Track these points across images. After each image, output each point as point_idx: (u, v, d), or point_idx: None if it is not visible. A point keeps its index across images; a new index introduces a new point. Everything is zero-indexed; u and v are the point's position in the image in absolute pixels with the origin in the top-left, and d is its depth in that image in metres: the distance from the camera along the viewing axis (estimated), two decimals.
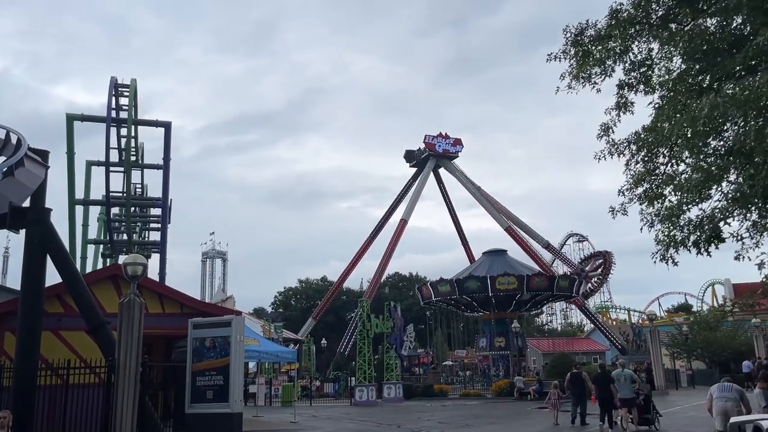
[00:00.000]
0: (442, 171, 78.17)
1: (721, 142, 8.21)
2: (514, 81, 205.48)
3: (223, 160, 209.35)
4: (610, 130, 10.90)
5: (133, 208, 68.06)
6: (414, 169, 78.01)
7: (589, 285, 67.12)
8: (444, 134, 76.35)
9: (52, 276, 15.12)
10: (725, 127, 7.98)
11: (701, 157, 8.53)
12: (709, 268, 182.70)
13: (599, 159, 10.34)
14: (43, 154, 16.38)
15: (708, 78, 8.27)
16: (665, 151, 9.67)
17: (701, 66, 8.75)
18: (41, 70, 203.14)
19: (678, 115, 8.07)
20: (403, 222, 72.37)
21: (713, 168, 7.32)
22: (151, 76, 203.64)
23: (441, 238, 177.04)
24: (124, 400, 12.65)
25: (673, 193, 8.77)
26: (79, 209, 45.95)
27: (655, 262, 9.18)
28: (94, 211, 53.47)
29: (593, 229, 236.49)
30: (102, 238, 63.59)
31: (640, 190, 9.87)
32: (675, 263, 9.04)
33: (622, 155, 10.06)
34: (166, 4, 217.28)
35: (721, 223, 8.30)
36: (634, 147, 9.79)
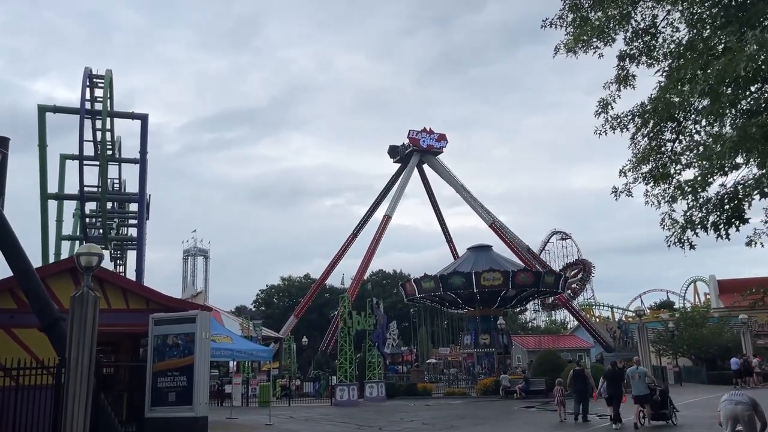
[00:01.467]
0: (426, 167, 77.25)
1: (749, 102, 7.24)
2: (498, 80, 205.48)
3: (206, 158, 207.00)
4: (609, 107, 9.93)
5: (110, 204, 66.52)
6: (398, 165, 76.99)
7: (569, 291, 67.11)
8: (428, 129, 75.40)
9: (4, 269, 13.96)
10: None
11: (728, 120, 7.56)
12: (690, 266, 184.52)
13: (600, 134, 9.37)
14: (2, 141, 15.15)
15: (724, 38, 7.28)
16: (673, 126, 8.70)
17: (718, 23, 7.78)
18: (20, 65, 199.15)
19: (701, 72, 7.07)
20: (387, 218, 71.39)
21: (752, 128, 6.34)
22: (133, 73, 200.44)
23: (426, 236, 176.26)
24: (75, 402, 11.46)
25: (697, 161, 7.76)
26: (53, 204, 44.39)
27: (669, 245, 8.20)
28: (70, 207, 51.91)
29: (576, 227, 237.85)
30: (77, 234, 62.02)
31: (645, 168, 8.88)
32: (692, 246, 8.07)
33: (625, 129, 9.09)
34: (147, 0, 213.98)
35: (746, 202, 7.32)
36: (639, 120, 8.81)
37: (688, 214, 7.90)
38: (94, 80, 55.30)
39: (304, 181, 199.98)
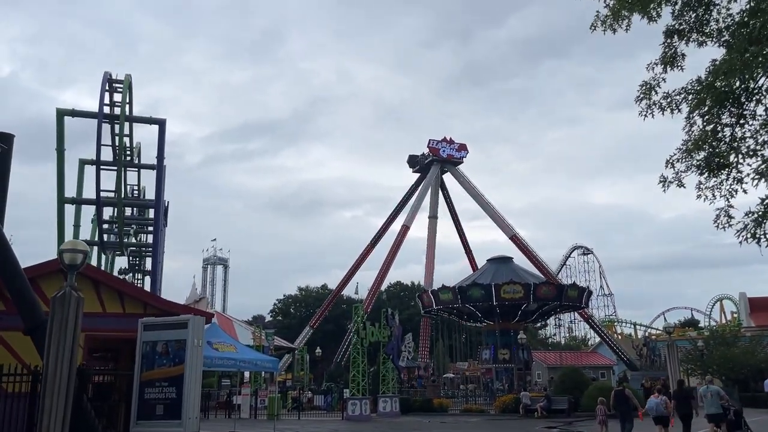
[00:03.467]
0: (446, 177, 75.99)
1: None
2: (518, 93, 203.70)
3: (227, 168, 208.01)
4: (653, 91, 8.67)
5: (129, 211, 66.00)
6: (417, 175, 75.85)
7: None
8: (449, 139, 74.24)
9: None
10: None
11: None
12: (713, 284, 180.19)
13: (645, 116, 8.12)
14: (5, 137, 14.39)
15: None
16: (733, 107, 7.42)
17: None
18: (47, 75, 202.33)
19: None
20: (405, 228, 70.16)
21: None
22: (157, 83, 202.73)
23: (445, 249, 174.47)
24: (52, 413, 10.38)
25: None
26: (70, 210, 43.94)
27: (741, 242, 6.92)
28: (89, 213, 51.55)
29: (596, 243, 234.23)
30: (95, 239, 61.57)
31: (699, 156, 7.60)
32: None
33: (676, 110, 7.84)
34: (172, 11, 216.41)
35: None
36: (693, 99, 7.54)
37: (765, 203, 6.57)
38: (114, 85, 54.78)
39: (322, 192, 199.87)
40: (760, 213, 6.68)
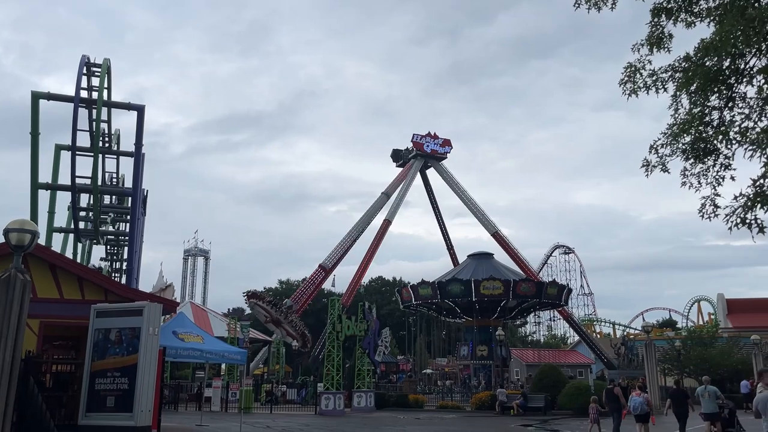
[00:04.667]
0: (429, 172, 75.44)
1: None
2: (505, 92, 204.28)
3: (211, 159, 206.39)
4: (638, 74, 8.17)
5: (108, 199, 64.58)
6: (400, 169, 75.17)
7: None
8: (433, 134, 73.67)
9: None
10: None
11: None
12: (691, 286, 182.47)
13: (629, 96, 7.61)
14: None
15: None
16: (723, 89, 6.93)
17: None
18: (32, 61, 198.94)
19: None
20: (387, 223, 69.40)
21: None
22: (143, 72, 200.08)
23: (428, 246, 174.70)
24: None
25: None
26: (45, 196, 42.61)
27: (731, 229, 6.44)
28: (66, 199, 50.32)
29: (578, 243, 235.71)
30: (70, 227, 60.19)
31: (687, 139, 7.11)
32: (762, 229, 6.30)
33: (662, 90, 7.35)
34: (160, 1, 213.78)
35: None
36: (681, 77, 7.05)
37: (757, 184, 6.09)
38: (92, 69, 53.53)
39: (307, 186, 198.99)
40: (752, 195, 6.20)
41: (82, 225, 60.75)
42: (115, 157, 63.19)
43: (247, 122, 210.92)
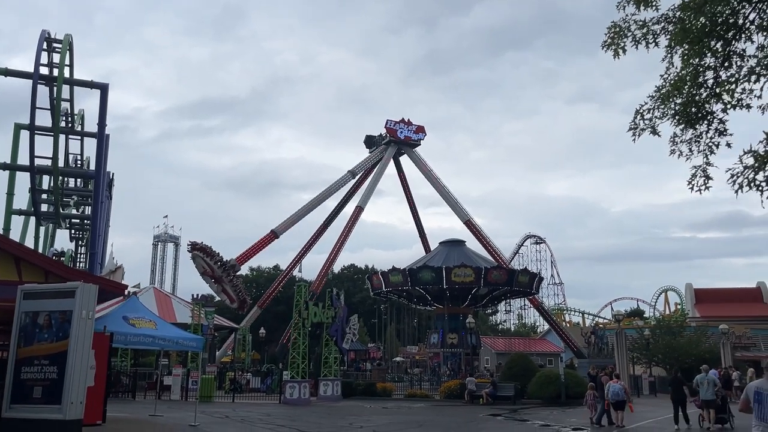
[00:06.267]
0: (403, 159, 74.59)
1: None
2: (480, 83, 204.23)
3: (183, 145, 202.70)
4: (624, 34, 7.36)
5: (73, 182, 62.14)
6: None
7: None
8: (407, 120, 72.71)
9: None
10: None
11: None
12: (657, 277, 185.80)
13: (616, 54, 6.79)
14: None
15: None
16: (719, 46, 6.16)
17: None
18: None
19: None
20: (359, 209, 68.46)
21: None
22: (114, 55, 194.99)
23: (401, 235, 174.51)
24: None
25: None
26: (4, 176, 40.62)
27: (736, 192, 5.69)
28: (27, 181, 48.18)
29: (550, 233, 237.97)
30: (31, 209, 57.74)
31: (678, 101, 6.34)
32: None
33: (653, 45, 6.56)
34: None
35: None
36: (674, 29, 6.25)
37: None
38: (53, 45, 50.92)
39: (281, 173, 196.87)
40: (763, 153, 5.44)
41: (45, 208, 58.31)
42: (79, 138, 60.53)
43: (220, 108, 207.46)
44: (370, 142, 74.81)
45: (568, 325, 79.28)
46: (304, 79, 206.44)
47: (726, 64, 6.34)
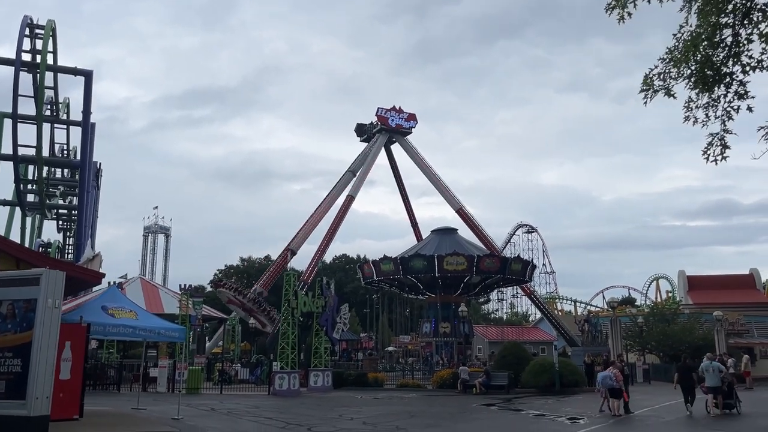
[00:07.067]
0: (395, 147, 73.86)
1: None
2: (472, 72, 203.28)
3: (173, 135, 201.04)
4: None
5: (60, 172, 60.71)
6: (365, 144, 73.40)
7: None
8: (398, 108, 71.95)
9: None
10: None
11: None
12: (650, 265, 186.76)
13: (622, 17, 6.12)
14: None
15: None
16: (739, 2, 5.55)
17: None
18: None
19: None
20: (350, 198, 67.76)
21: None
22: (102, 45, 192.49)
23: (393, 224, 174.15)
24: None
25: None
26: None
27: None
28: (11, 170, 47.06)
29: (541, 222, 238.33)
30: (15, 199, 56.56)
31: (693, 62, 5.72)
32: None
33: None
34: None
35: None
36: None
37: None
38: (35, 31, 49.48)
39: (272, 163, 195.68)
40: None
41: (31, 198, 56.96)
42: (65, 127, 59.06)
43: (209, 97, 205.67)
44: (361, 130, 74.01)
45: (560, 313, 79.20)
46: (295, 68, 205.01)
47: (745, 21, 5.75)
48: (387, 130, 70.84)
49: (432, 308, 44.81)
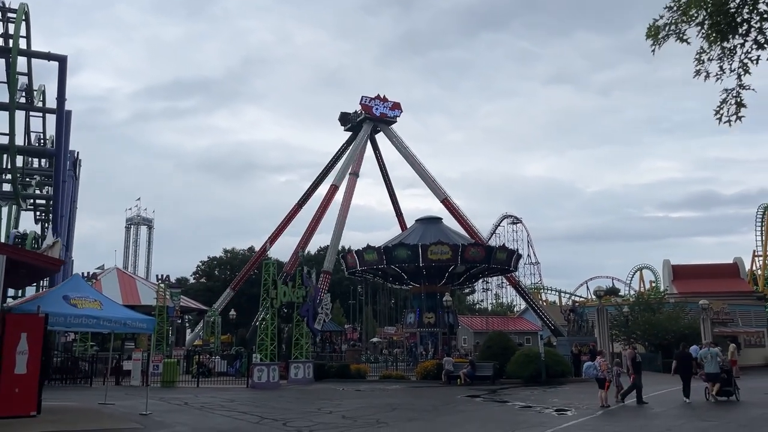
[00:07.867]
0: (379, 137, 72.99)
1: None
2: (457, 64, 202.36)
3: (156, 126, 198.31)
4: None
5: (38, 161, 59.19)
6: (349, 134, 72.45)
7: None
8: (382, 97, 71.01)
9: None
10: None
11: None
12: (633, 255, 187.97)
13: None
14: None
15: None
16: None
17: None
18: None
19: None
20: (334, 188, 66.87)
21: None
22: (83, 35, 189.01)
23: (378, 216, 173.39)
24: None
25: None
26: None
27: None
28: None
29: (526, 214, 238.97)
30: None
31: (700, 15, 4.98)
32: None
33: None
34: None
35: None
36: None
37: None
38: (7, 15, 47.89)
39: (257, 155, 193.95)
40: None
41: (7, 188, 55.49)
42: (41, 115, 57.61)
43: (194, 88, 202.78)
44: (345, 119, 72.97)
45: (545, 304, 79.10)
46: (280, 59, 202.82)
47: None
48: (371, 119, 69.90)
49: (416, 298, 44.18)
